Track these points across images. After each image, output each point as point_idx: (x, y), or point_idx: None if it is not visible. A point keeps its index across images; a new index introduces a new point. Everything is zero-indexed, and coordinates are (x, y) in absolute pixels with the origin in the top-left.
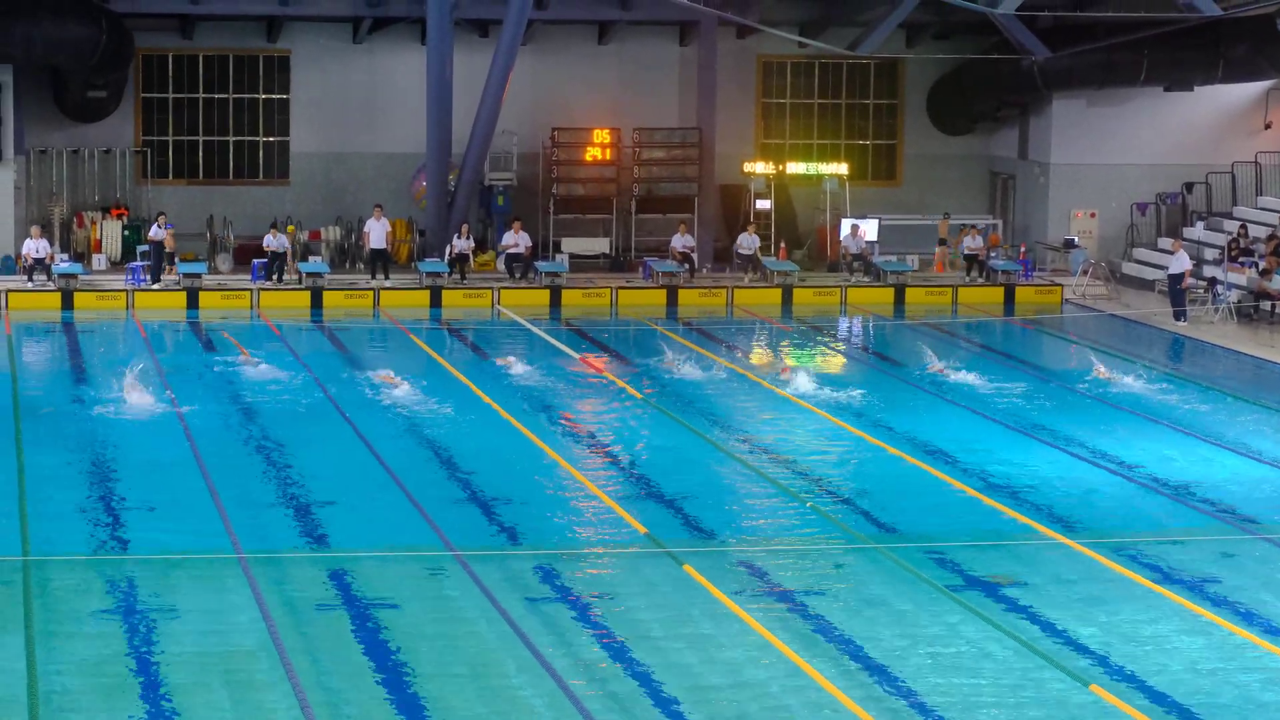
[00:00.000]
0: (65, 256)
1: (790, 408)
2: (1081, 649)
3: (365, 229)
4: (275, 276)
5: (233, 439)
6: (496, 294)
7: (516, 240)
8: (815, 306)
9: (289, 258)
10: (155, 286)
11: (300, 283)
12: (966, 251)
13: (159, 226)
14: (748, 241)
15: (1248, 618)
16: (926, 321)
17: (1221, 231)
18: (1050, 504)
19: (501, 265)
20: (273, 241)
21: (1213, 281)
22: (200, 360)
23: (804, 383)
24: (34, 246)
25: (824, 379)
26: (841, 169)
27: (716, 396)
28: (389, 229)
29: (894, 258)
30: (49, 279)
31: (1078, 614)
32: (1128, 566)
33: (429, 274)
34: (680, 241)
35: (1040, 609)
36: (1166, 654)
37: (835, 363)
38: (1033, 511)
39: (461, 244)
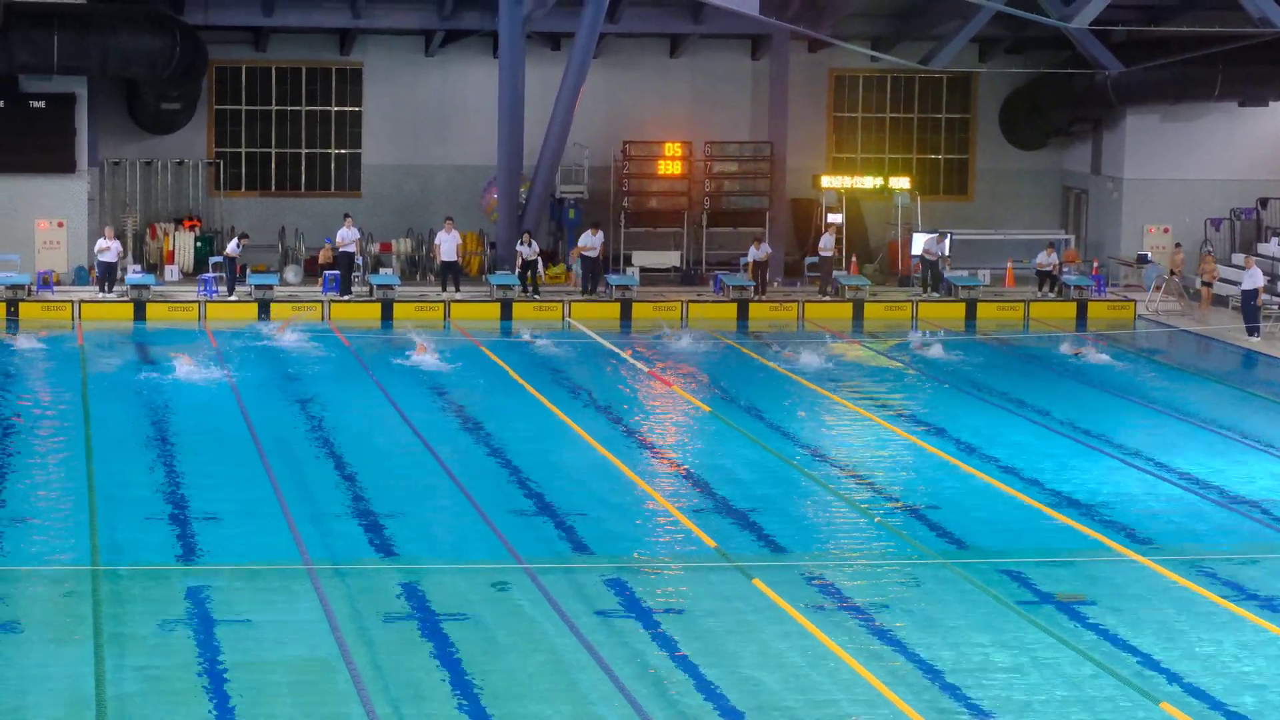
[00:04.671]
0: (138, 268)
1: (860, 421)
2: (1153, 666)
3: (436, 241)
4: (346, 277)
5: (301, 448)
6: (567, 307)
7: (593, 243)
8: (886, 321)
9: (358, 252)
10: (232, 298)
11: (371, 295)
12: (1040, 267)
13: (236, 243)
14: (826, 241)
15: None
16: (997, 337)
17: None
18: (1122, 520)
19: (577, 270)
20: (346, 234)
21: None
22: (269, 369)
23: (874, 396)
24: (105, 245)
25: (894, 393)
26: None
27: (785, 410)
28: (459, 241)
29: (965, 273)
30: (110, 286)
31: (1149, 631)
32: (1200, 584)
33: (499, 286)
34: (756, 254)
35: (1111, 626)
36: (1239, 672)
37: (905, 377)
38: (1104, 528)
39: (526, 251)
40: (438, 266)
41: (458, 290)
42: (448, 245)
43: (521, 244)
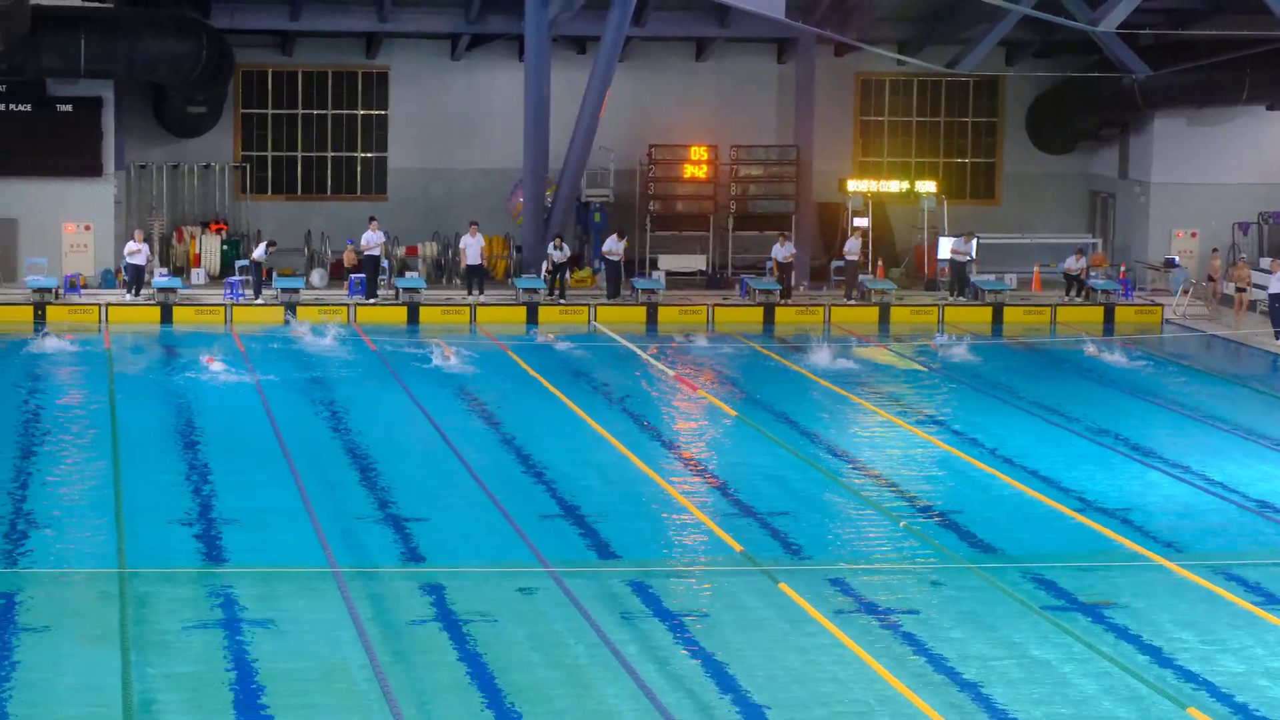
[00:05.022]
0: (164, 271)
1: (885, 425)
2: (1180, 671)
3: (461, 245)
4: (372, 280)
5: (327, 452)
6: (593, 310)
7: (616, 248)
8: (912, 325)
9: (383, 256)
10: (258, 301)
11: (396, 298)
12: (1067, 271)
13: (264, 249)
14: (852, 245)
15: None
16: (1023, 341)
17: None
18: (1150, 525)
19: (602, 277)
20: (372, 238)
21: None
22: (295, 372)
23: (899, 400)
24: (135, 249)
25: (919, 397)
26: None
27: (811, 413)
28: (483, 245)
29: (992, 276)
30: (139, 289)
31: (1176, 636)
32: (1228, 589)
33: (525, 290)
34: (781, 252)
35: (1139, 630)
36: (1267, 676)
37: (930, 381)
38: (1132, 532)
39: (557, 255)
40: (463, 270)
41: (481, 293)
42: (473, 249)
43: (554, 248)
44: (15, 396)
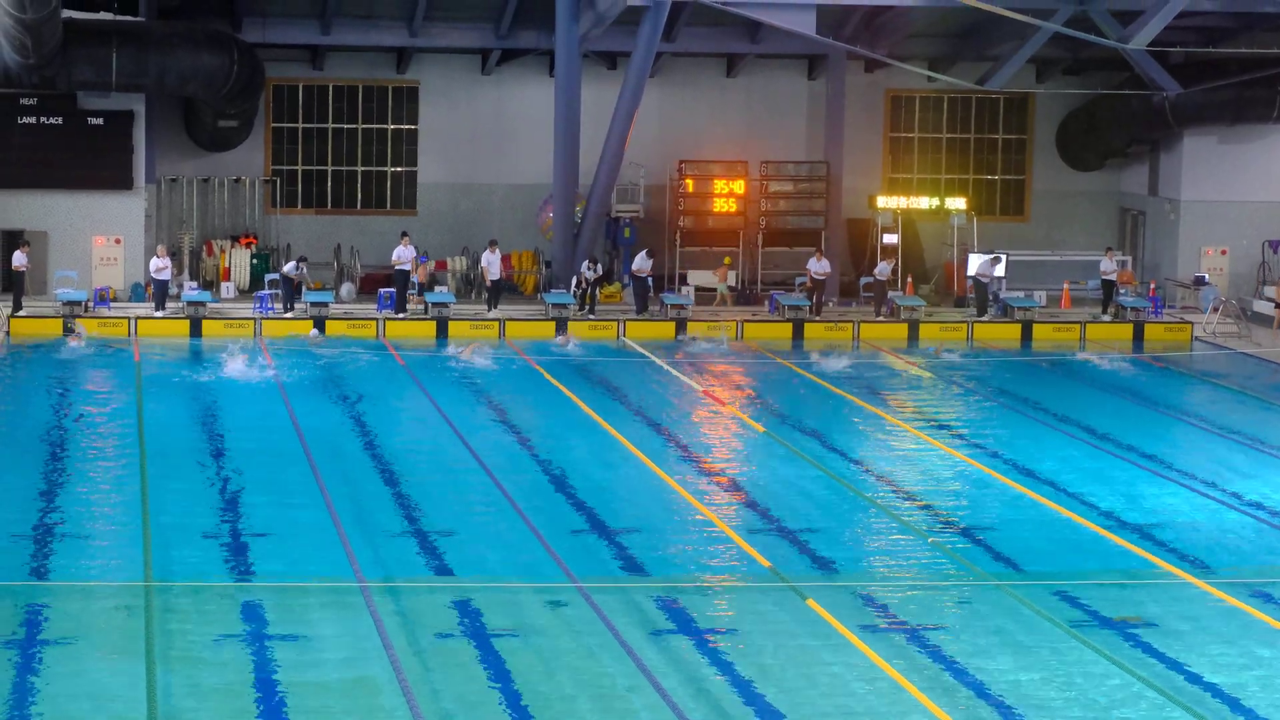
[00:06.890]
0: (194, 284)
1: (915, 442)
2: (1210, 689)
3: (483, 263)
4: (401, 294)
5: (354, 466)
6: (622, 326)
7: (644, 265)
8: (940, 341)
9: (414, 268)
10: (288, 315)
11: (425, 313)
12: (1102, 276)
13: (296, 265)
14: (883, 269)
15: None
16: (1052, 358)
17: None
18: (1181, 543)
19: (629, 294)
20: (403, 253)
21: None
22: (325, 387)
23: (927, 416)
24: (161, 265)
25: (949, 413)
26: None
27: (839, 429)
28: (499, 261)
29: (1021, 294)
30: (162, 305)
31: (1207, 654)
32: (1259, 607)
33: (555, 305)
34: (817, 266)
35: (1169, 649)
36: None
37: (959, 397)
38: (1163, 550)
39: (590, 274)
40: (489, 285)
41: (496, 307)
42: (494, 266)
43: (587, 267)
44: (43, 408)
